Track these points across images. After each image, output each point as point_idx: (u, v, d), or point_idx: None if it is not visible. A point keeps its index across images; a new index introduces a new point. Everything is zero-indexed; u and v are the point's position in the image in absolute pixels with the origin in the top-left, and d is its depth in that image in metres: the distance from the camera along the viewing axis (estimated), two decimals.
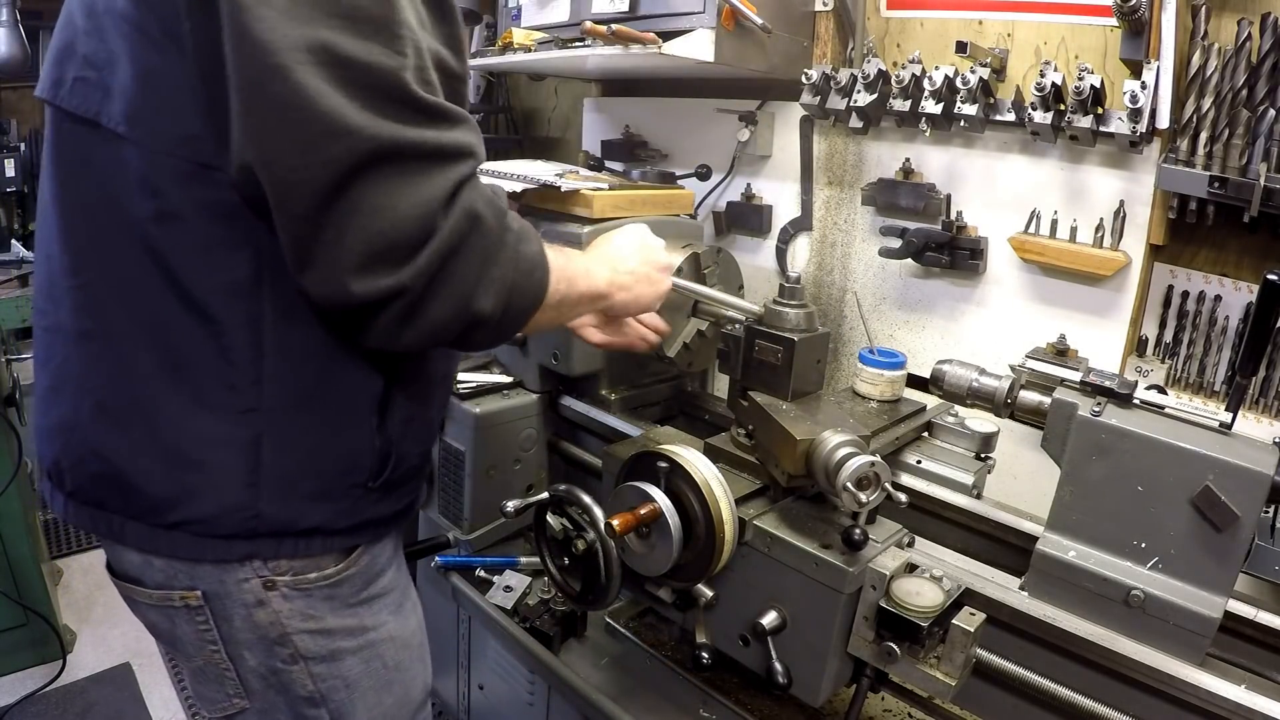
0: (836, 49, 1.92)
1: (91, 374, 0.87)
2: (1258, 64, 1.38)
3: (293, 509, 0.90)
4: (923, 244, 1.81)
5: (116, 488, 0.88)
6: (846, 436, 1.06)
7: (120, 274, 0.83)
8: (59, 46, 0.85)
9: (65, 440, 0.90)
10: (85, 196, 0.85)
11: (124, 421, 0.86)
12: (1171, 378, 1.60)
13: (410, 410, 0.99)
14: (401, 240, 0.75)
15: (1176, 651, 1.02)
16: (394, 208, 0.74)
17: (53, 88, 0.85)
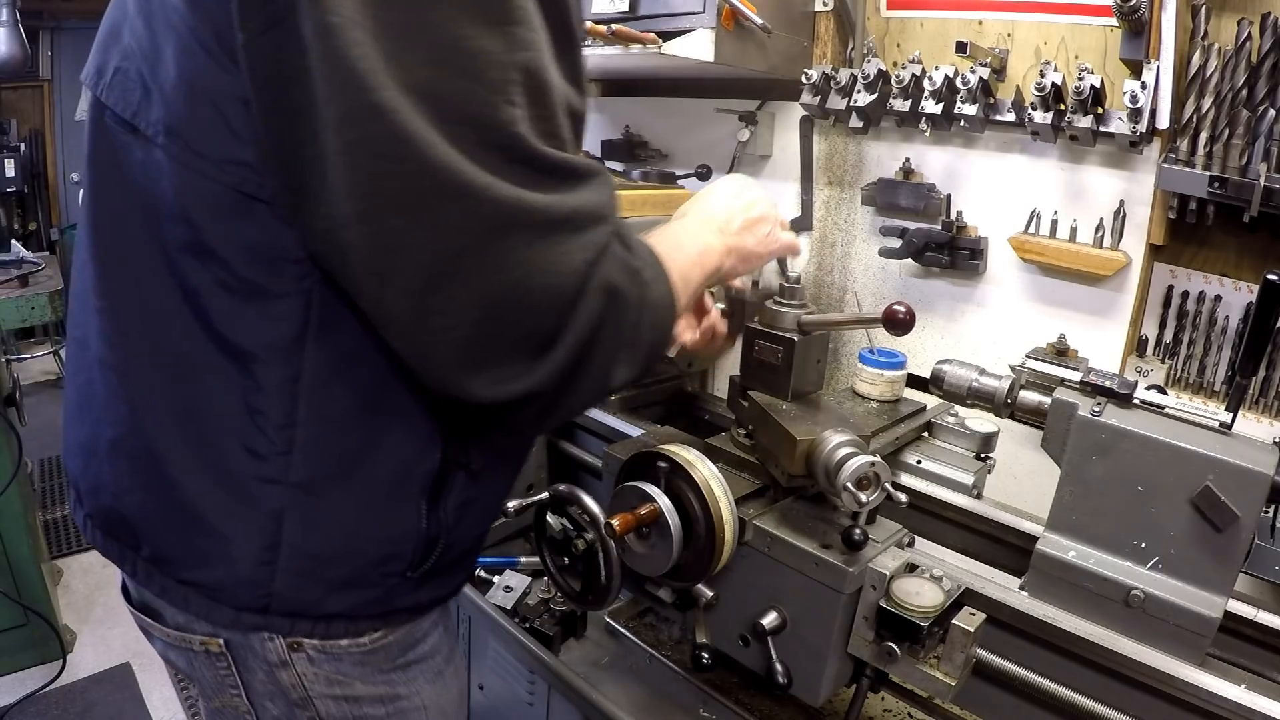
0: (836, 49, 1.92)
1: (111, 407, 0.78)
2: (1258, 64, 1.38)
3: (312, 594, 0.78)
4: (923, 244, 1.81)
5: (127, 529, 0.80)
6: (846, 436, 1.06)
7: (148, 304, 0.73)
8: (107, 28, 0.76)
9: (84, 464, 0.83)
10: (117, 205, 0.75)
11: (137, 467, 0.77)
12: (1171, 378, 1.60)
13: (470, 492, 0.85)
14: (531, 334, 0.64)
15: (1176, 651, 1.02)
16: (521, 293, 0.62)
17: (95, 75, 0.76)
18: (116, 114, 0.73)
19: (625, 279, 0.70)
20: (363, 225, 0.60)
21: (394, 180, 0.58)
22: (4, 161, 3.33)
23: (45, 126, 4.96)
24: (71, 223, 5.06)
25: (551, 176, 0.64)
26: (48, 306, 2.15)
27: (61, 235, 5.01)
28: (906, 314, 1.04)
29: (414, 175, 0.58)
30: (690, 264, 0.90)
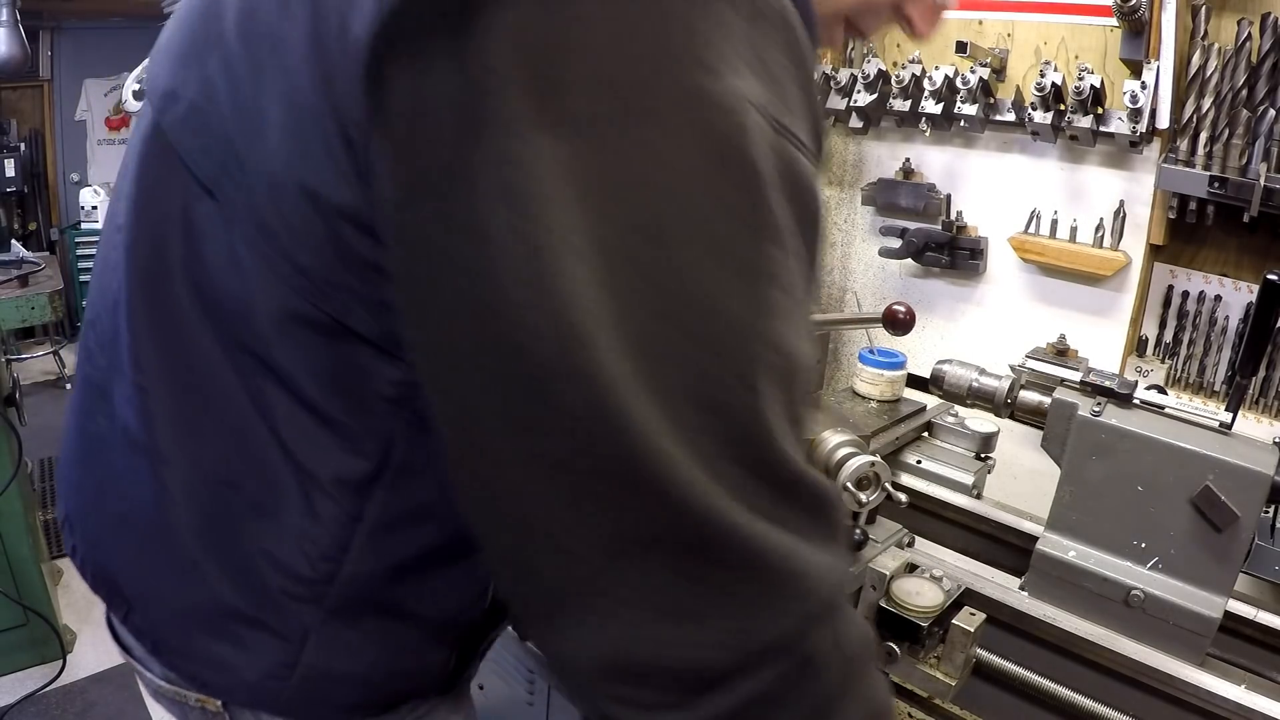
0: (836, 49, 1.92)
1: (131, 485, 0.68)
2: (1258, 64, 1.38)
3: (318, 712, 0.71)
4: (923, 244, 1.81)
5: (119, 595, 0.72)
6: (846, 436, 1.06)
7: (206, 400, 0.62)
8: (186, 38, 0.61)
9: (82, 512, 0.75)
10: (170, 263, 0.61)
11: (150, 551, 0.68)
12: (1171, 378, 1.60)
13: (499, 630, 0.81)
14: (695, 671, 0.47)
15: (1176, 651, 1.01)
16: (695, 625, 0.46)
17: (164, 96, 0.61)
18: (188, 164, 0.59)
19: (834, 658, 0.51)
20: (528, 511, 0.46)
21: (583, 461, 0.44)
22: (4, 161, 3.33)
23: (45, 126, 4.96)
24: (72, 222, 5.06)
25: (793, 501, 0.48)
26: (48, 306, 2.15)
27: (62, 235, 5.00)
28: (906, 314, 1.04)
29: (612, 462, 0.43)
30: None
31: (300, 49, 0.50)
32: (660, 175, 0.43)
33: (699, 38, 0.43)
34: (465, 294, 0.43)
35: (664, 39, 0.43)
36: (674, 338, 0.43)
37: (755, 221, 0.45)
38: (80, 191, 5.00)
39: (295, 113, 0.51)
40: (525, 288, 0.41)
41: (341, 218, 0.51)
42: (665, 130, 0.43)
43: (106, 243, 0.71)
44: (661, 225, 0.43)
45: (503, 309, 0.42)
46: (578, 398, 0.42)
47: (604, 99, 0.42)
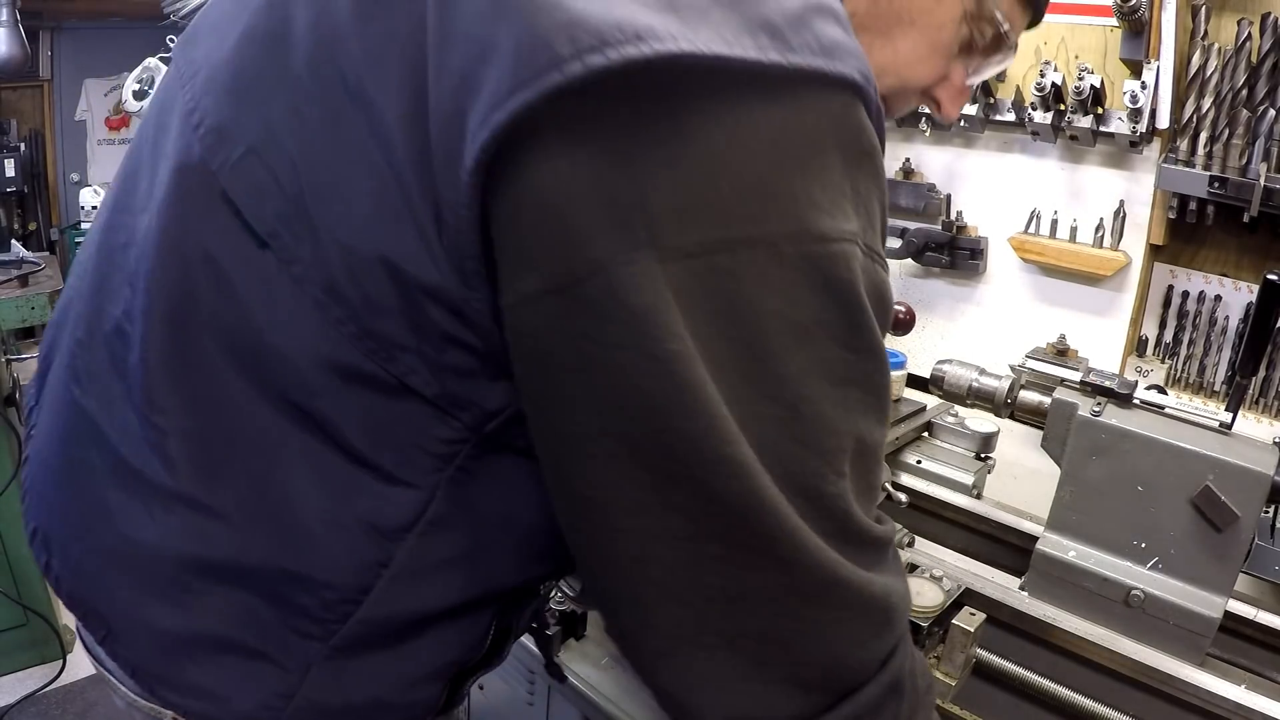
0: None
1: (122, 520, 0.65)
2: (1258, 64, 1.38)
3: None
4: (923, 244, 1.80)
5: (100, 621, 0.68)
6: None
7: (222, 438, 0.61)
8: (249, 71, 0.57)
9: (62, 538, 0.71)
10: (199, 300, 0.59)
11: (139, 586, 0.65)
12: (1171, 378, 1.60)
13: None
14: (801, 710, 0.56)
15: (1176, 651, 1.02)
16: (819, 659, 0.56)
17: (214, 135, 0.58)
18: (240, 210, 0.56)
19: (912, 681, 0.61)
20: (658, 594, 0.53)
21: (734, 535, 0.51)
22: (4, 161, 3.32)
23: (45, 126, 4.96)
24: (72, 222, 5.06)
25: (869, 551, 0.58)
26: (47, 306, 2.15)
27: (62, 235, 4.99)
28: (906, 314, 1.04)
29: (757, 537, 0.50)
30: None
31: (395, 111, 0.49)
32: (774, 301, 0.48)
33: (813, 182, 0.49)
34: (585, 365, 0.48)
35: (786, 183, 0.48)
36: (784, 440, 0.50)
37: (854, 343, 0.52)
38: (80, 191, 4.98)
39: (382, 181, 0.50)
40: (663, 388, 0.47)
41: (424, 293, 0.51)
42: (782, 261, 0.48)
43: (106, 260, 0.68)
44: (771, 344, 0.49)
45: (631, 390, 0.47)
46: (731, 484, 0.48)
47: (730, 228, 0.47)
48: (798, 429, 0.50)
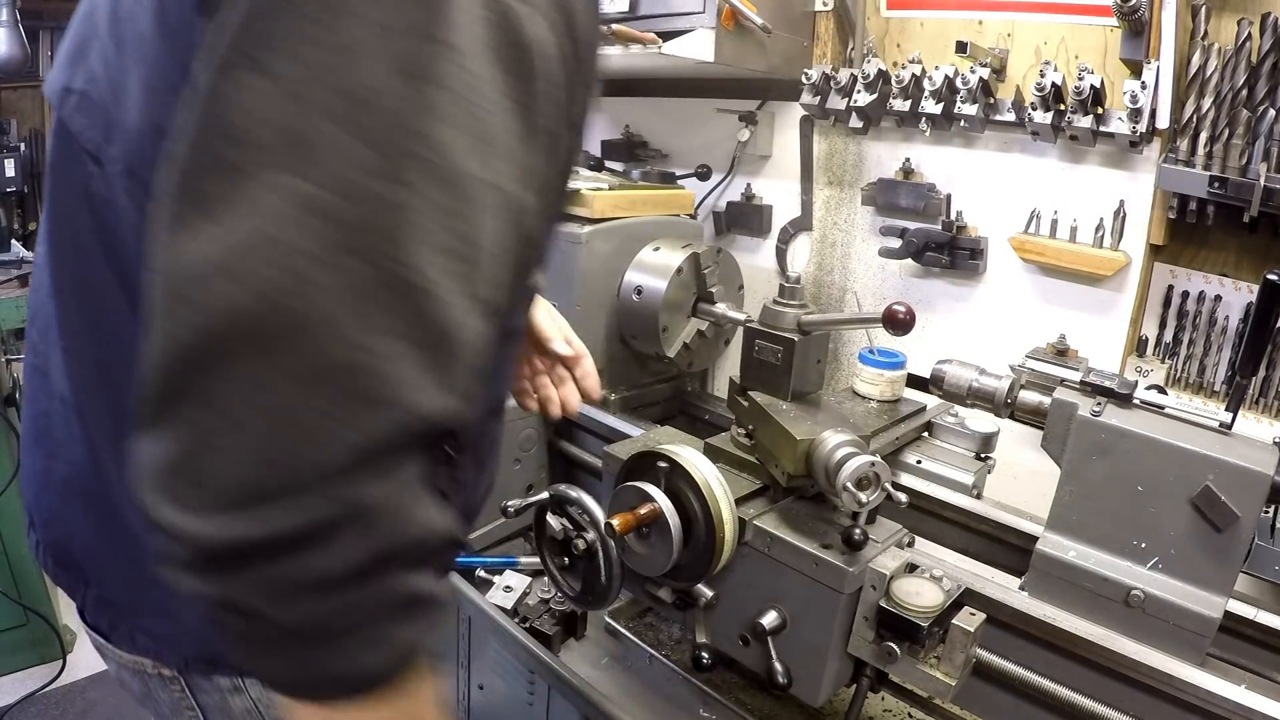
0: (836, 49, 1.92)
1: (69, 447, 0.74)
2: (1258, 64, 1.38)
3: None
4: (923, 244, 1.81)
5: (76, 567, 0.79)
6: (846, 436, 1.06)
7: (115, 354, 0.66)
8: (74, 43, 0.69)
9: (38, 493, 0.81)
10: (81, 238, 0.68)
11: (91, 510, 0.74)
12: (1171, 378, 1.60)
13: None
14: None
15: (1176, 651, 1.01)
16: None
17: (60, 94, 0.69)
18: (80, 142, 0.66)
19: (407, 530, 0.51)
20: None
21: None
22: (4, 161, 3.33)
23: (45, 126, 4.96)
24: None
25: (411, 314, 0.48)
26: None
27: None
28: (906, 314, 1.04)
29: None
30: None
31: (149, 16, 0.60)
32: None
33: None
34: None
35: None
36: (325, 122, 0.45)
37: (428, 27, 0.46)
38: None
39: (149, 66, 0.60)
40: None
41: None
42: None
43: (39, 236, 0.78)
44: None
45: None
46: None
47: None
48: (350, 112, 0.46)
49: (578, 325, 1.70)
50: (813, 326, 1.19)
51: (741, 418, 1.24)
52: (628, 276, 1.69)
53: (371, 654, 0.51)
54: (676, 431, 1.39)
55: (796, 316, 1.20)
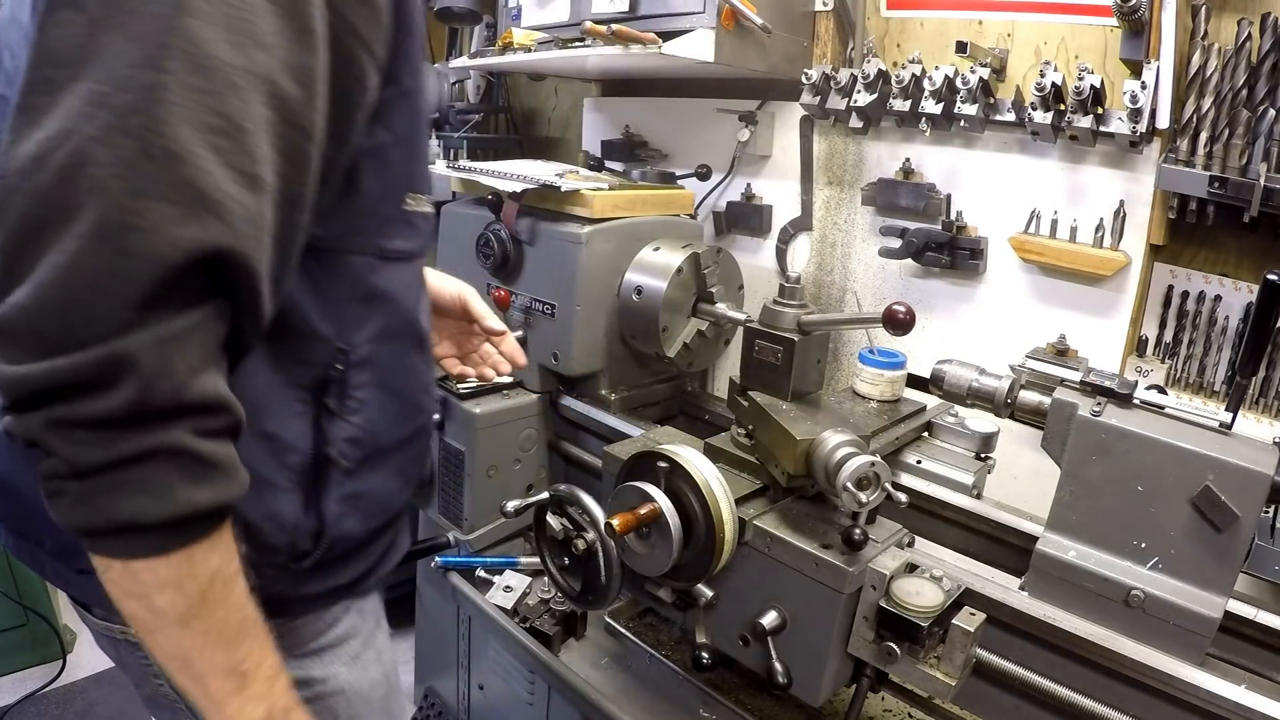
0: (836, 49, 1.92)
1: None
2: (1258, 64, 1.38)
3: None
4: (923, 244, 1.80)
5: (25, 517, 0.83)
6: (846, 436, 1.06)
7: None
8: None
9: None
10: None
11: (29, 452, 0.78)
12: (1171, 378, 1.60)
13: (355, 486, 0.87)
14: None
15: (1176, 651, 1.02)
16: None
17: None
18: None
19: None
20: None
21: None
22: None
23: None
24: None
25: (159, 169, 0.56)
26: None
27: None
28: (906, 314, 1.04)
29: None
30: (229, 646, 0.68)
31: (27, 10, 0.66)
32: None
33: None
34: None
35: None
36: (110, 34, 0.56)
37: None
38: None
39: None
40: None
41: None
42: None
43: None
44: None
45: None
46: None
47: None
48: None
49: (578, 325, 1.70)
50: (813, 326, 1.19)
51: (741, 418, 1.24)
52: (628, 276, 1.69)
53: (152, 503, 0.59)
54: (676, 431, 1.39)
55: (796, 316, 1.20)
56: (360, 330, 0.84)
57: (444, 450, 1.78)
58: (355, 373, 0.85)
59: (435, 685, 2.09)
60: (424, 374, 0.97)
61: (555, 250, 1.69)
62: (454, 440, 1.75)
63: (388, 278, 0.86)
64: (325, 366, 0.83)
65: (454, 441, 1.75)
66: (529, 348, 1.78)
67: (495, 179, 1.70)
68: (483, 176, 1.73)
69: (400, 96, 0.80)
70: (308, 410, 0.82)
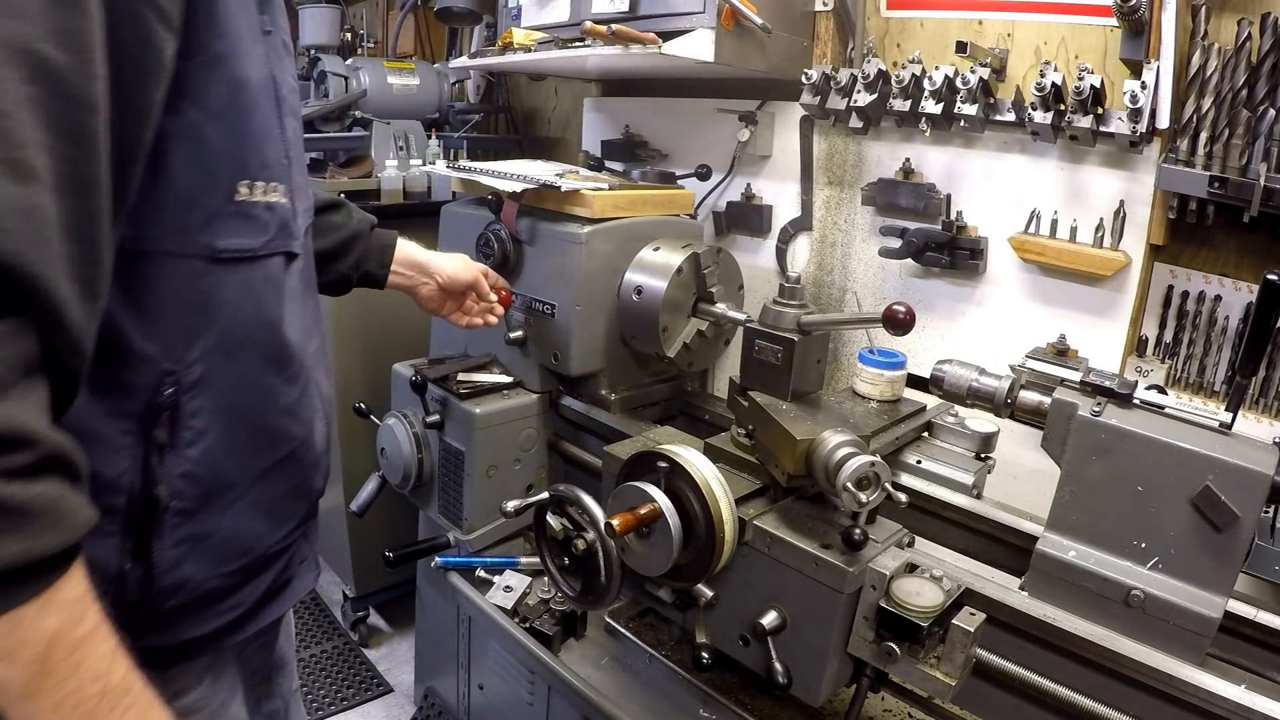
0: (836, 49, 1.92)
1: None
2: (1258, 64, 1.38)
3: None
4: (923, 244, 1.80)
5: None
6: (846, 436, 1.06)
7: None
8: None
9: None
10: None
11: None
12: (1171, 378, 1.60)
13: (196, 527, 0.77)
14: None
15: (1176, 651, 1.02)
16: None
17: None
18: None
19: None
20: None
21: None
22: None
23: None
24: None
25: None
26: None
27: None
28: (906, 314, 1.04)
29: None
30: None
31: None
32: None
33: None
34: None
35: None
36: None
37: None
38: None
39: None
40: None
41: None
42: None
43: None
44: None
45: None
46: None
47: None
48: None
49: (578, 325, 1.70)
50: (813, 326, 1.19)
51: (741, 418, 1.24)
52: (628, 276, 1.69)
53: None
54: (676, 431, 1.39)
55: (796, 316, 1.20)
56: (192, 347, 0.74)
57: (444, 450, 1.78)
58: (189, 397, 0.74)
59: (435, 685, 2.09)
60: (285, 394, 0.84)
61: (555, 250, 1.69)
62: (454, 440, 1.75)
63: (221, 283, 0.75)
64: (152, 391, 0.72)
65: (454, 441, 1.75)
66: (529, 348, 1.78)
67: (495, 179, 1.70)
68: (483, 176, 1.73)
69: (209, 65, 0.70)
70: (135, 443, 0.72)
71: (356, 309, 2.28)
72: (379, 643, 2.61)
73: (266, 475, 0.83)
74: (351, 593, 2.56)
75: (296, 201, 0.85)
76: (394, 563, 1.71)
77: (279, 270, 0.82)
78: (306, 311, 0.90)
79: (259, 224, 0.77)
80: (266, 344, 0.81)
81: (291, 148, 0.84)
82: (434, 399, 1.77)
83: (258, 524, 0.84)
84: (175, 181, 0.70)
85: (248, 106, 0.75)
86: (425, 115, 2.78)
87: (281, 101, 0.82)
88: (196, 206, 0.72)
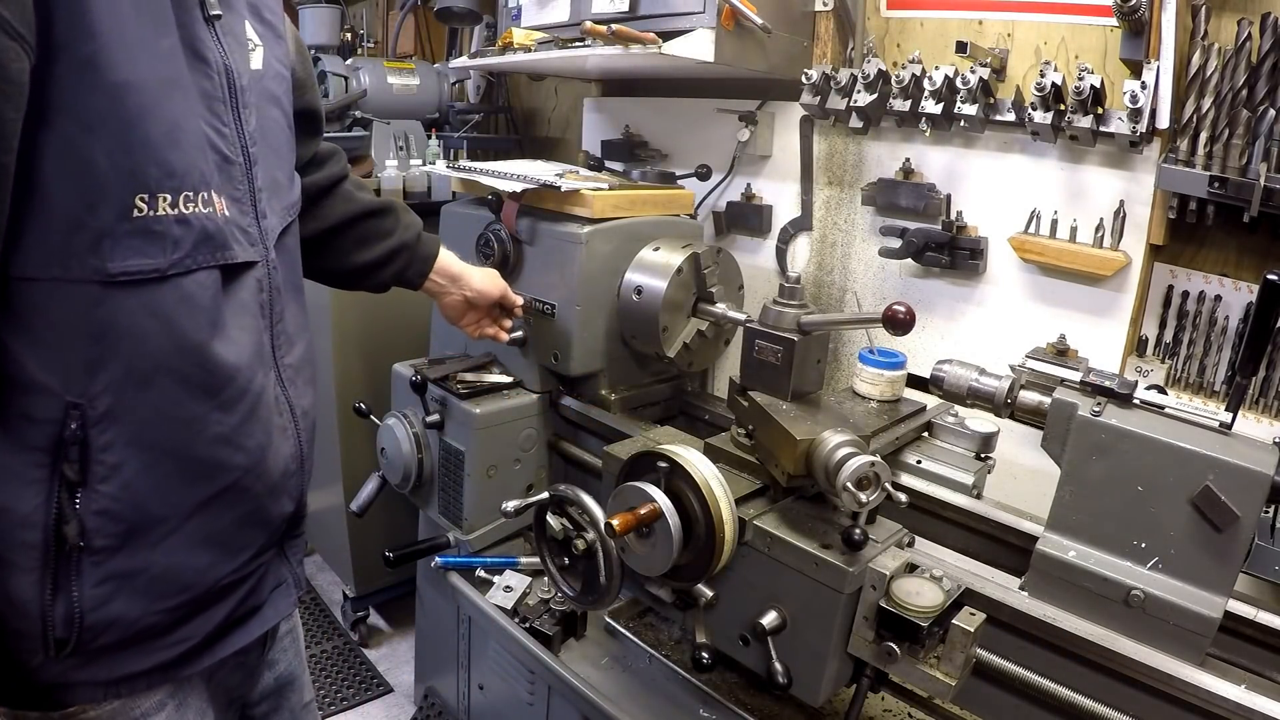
0: (836, 49, 1.92)
1: None
2: (1258, 64, 1.38)
3: None
4: (923, 244, 1.80)
5: None
6: (846, 436, 1.06)
7: None
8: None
9: None
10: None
11: None
12: (1171, 378, 1.60)
13: (122, 564, 0.74)
14: None
15: (1176, 651, 1.01)
16: None
17: None
18: None
19: None
20: None
21: None
22: None
23: None
24: None
25: None
26: None
27: None
28: (906, 314, 1.04)
29: None
30: None
31: None
32: None
33: None
34: None
35: None
36: None
37: None
38: None
39: None
40: None
41: None
42: None
43: None
44: None
45: None
46: None
47: None
48: None
49: (578, 325, 1.70)
50: (813, 326, 1.19)
51: (741, 418, 1.24)
52: (628, 276, 1.69)
53: None
54: (676, 431, 1.39)
55: (796, 316, 1.20)
56: (94, 378, 0.69)
57: (444, 450, 1.78)
58: (99, 431, 0.70)
59: (435, 685, 2.09)
60: (218, 422, 0.78)
61: (555, 250, 1.69)
62: (454, 440, 1.75)
63: (121, 308, 0.69)
64: (58, 425, 0.69)
65: (454, 441, 1.75)
66: (529, 348, 1.78)
67: (495, 179, 1.70)
68: (483, 176, 1.73)
69: (77, 70, 0.63)
70: (47, 478, 0.69)
71: (356, 309, 2.28)
72: (379, 643, 2.61)
73: (206, 507, 0.79)
74: (351, 593, 2.56)
75: (246, 205, 0.78)
76: (394, 563, 1.71)
77: (205, 288, 0.74)
78: (272, 324, 0.84)
79: (166, 240, 0.70)
80: (187, 371, 0.74)
81: (253, 144, 0.79)
82: (434, 399, 1.77)
83: (199, 558, 0.79)
84: (52, 202, 0.65)
85: (139, 112, 0.66)
86: (425, 115, 2.79)
87: (241, 93, 0.76)
88: (81, 228, 0.66)
